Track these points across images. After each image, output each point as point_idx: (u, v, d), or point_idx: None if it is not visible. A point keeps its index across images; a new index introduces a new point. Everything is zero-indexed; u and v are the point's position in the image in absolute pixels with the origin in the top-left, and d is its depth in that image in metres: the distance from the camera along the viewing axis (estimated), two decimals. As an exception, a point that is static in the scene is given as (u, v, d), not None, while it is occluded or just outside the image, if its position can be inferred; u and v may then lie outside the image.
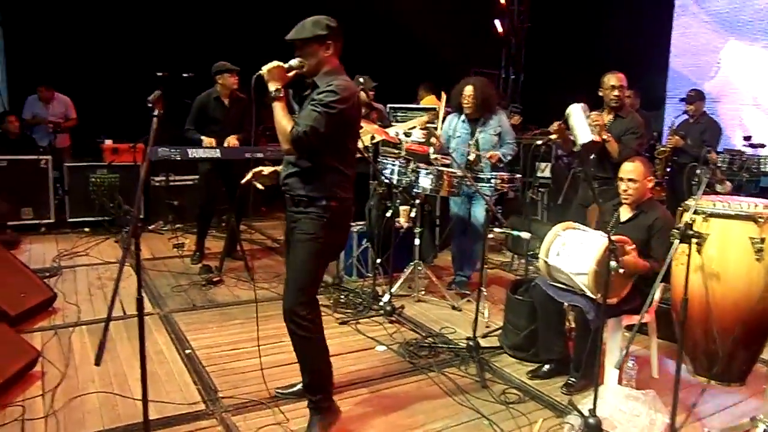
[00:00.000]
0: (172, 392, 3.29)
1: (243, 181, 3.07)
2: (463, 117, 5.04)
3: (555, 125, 4.41)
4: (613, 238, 3.03)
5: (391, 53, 9.45)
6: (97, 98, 8.42)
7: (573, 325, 3.69)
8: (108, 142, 7.54)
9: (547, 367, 3.66)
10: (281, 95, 2.80)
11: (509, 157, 4.93)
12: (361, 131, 3.83)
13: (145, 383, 2.32)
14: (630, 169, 3.58)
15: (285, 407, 3.12)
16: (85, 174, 7.17)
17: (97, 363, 2.02)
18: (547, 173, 7.62)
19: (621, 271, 2.94)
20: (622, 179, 3.61)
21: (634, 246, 3.32)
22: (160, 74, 7.70)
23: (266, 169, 3.08)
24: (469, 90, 4.90)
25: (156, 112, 2.21)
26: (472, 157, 4.85)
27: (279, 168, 3.03)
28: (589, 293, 3.29)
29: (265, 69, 2.80)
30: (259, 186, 3.11)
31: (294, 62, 2.85)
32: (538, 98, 10.58)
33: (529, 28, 11.47)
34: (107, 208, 7.12)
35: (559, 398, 3.39)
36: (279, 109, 2.80)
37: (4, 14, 9.16)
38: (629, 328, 3.61)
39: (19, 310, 4.08)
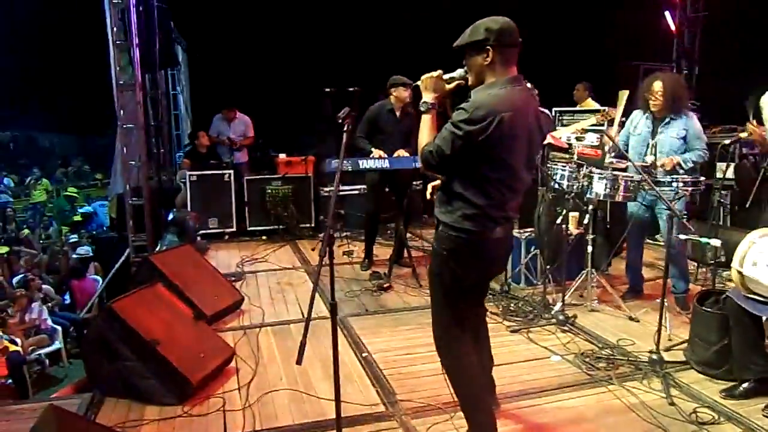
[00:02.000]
0: (353, 393, 3.44)
1: (428, 197, 3.01)
2: (647, 114, 4.64)
3: (750, 127, 4.05)
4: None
5: (554, 53, 9.22)
6: (270, 114, 9.09)
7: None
8: (282, 156, 8.06)
9: (744, 386, 3.34)
10: (430, 107, 2.64)
11: (690, 164, 4.42)
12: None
13: (337, 384, 2.46)
14: None
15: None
16: (261, 186, 7.71)
17: (299, 362, 2.18)
18: (729, 174, 6.98)
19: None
20: None
21: None
22: (327, 90, 8.17)
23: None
24: (658, 85, 4.47)
25: (346, 128, 2.33)
26: (649, 159, 4.50)
27: None
28: (794, 306, 2.98)
29: (421, 78, 2.69)
30: None
31: (457, 73, 2.68)
32: (715, 93, 9.81)
33: (705, 17, 10.61)
34: (281, 218, 7.62)
35: (760, 422, 3.10)
36: (424, 122, 2.64)
37: (190, 41, 10.21)
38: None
39: (213, 311, 4.49)
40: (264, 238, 7.57)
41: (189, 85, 11.05)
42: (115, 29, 6.78)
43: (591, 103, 7.96)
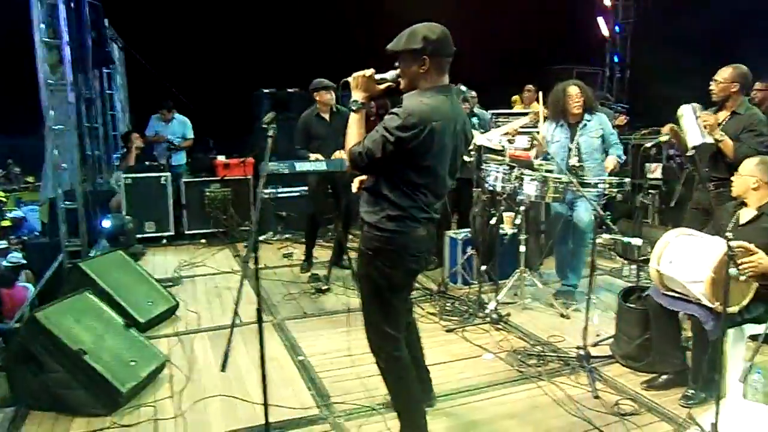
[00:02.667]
0: (288, 397, 3.44)
1: (354, 190, 3.01)
2: (560, 122, 4.89)
3: (667, 128, 4.27)
4: (734, 243, 2.88)
5: (491, 57, 9.41)
6: (209, 115, 8.95)
7: (690, 334, 3.53)
8: (220, 158, 7.95)
9: (663, 377, 3.51)
10: (359, 107, 2.65)
11: (624, 157, 4.79)
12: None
13: (265, 390, 2.46)
14: (744, 162, 3.48)
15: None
16: (200, 189, 7.58)
17: (223, 369, 2.16)
18: (657, 174, 7.28)
19: (742, 278, 2.79)
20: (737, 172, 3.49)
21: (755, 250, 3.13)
22: (266, 91, 8.13)
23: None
24: (574, 90, 4.74)
25: (270, 133, 2.34)
26: (573, 161, 4.69)
27: None
28: (706, 302, 3.14)
29: (352, 75, 2.69)
30: None
31: (389, 75, 2.67)
32: (645, 95, 10.21)
33: (635, 23, 11.05)
34: (221, 220, 7.52)
35: (677, 411, 3.26)
36: (353, 121, 2.65)
37: (126, 39, 9.96)
38: (754, 337, 3.41)
39: (146, 318, 4.41)
40: (203, 241, 7.44)
41: (126, 84, 10.78)
42: (42, 26, 6.55)
43: (537, 106, 8.18)
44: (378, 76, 2.69)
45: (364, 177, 2.88)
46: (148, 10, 9.26)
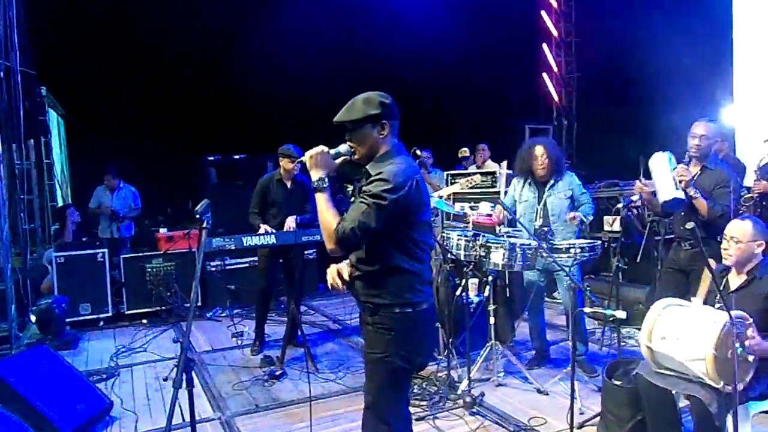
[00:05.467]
0: None
1: (340, 286, 2.65)
2: (529, 180, 4.68)
3: (637, 187, 4.07)
4: (735, 313, 2.61)
5: (444, 117, 9.35)
6: (153, 186, 8.54)
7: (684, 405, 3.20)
8: (162, 231, 7.47)
9: (663, 466, 3.15)
10: (325, 186, 2.49)
11: (590, 218, 4.51)
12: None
13: None
14: (735, 227, 3.20)
15: None
16: (141, 264, 7.04)
17: None
18: (616, 227, 7.11)
19: (750, 358, 2.49)
20: (725, 237, 3.21)
21: (751, 321, 2.86)
22: (211, 159, 7.77)
23: (344, 269, 2.65)
24: (540, 150, 4.52)
25: (204, 224, 1.96)
26: (538, 223, 4.49)
27: None
28: (708, 381, 2.82)
29: (307, 155, 2.53)
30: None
31: (342, 148, 2.57)
32: (592, 146, 10.29)
33: (579, 78, 11.23)
34: (164, 298, 6.97)
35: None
36: (322, 202, 2.48)
37: (66, 108, 9.51)
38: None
39: (73, 426, 3.83)
40: (144, 321, 6.86)
41: (67, 152, 10.26)
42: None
43: (491, 165, 8.04)
44: (332, 151, 2.55)
45: (347, 268, 2.64)
46: (89, 78, 8.93)
